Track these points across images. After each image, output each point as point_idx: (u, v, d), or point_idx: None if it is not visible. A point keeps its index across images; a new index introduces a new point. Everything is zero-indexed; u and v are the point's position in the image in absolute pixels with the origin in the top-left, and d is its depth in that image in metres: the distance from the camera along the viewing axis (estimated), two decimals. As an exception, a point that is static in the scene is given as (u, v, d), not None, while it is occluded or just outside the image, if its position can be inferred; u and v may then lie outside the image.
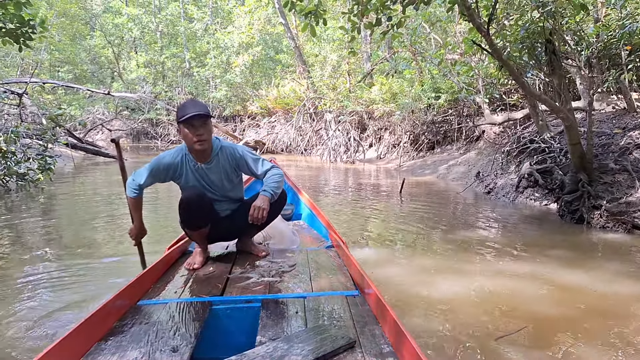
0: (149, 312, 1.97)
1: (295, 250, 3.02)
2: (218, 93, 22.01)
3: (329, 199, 7.58)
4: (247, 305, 2.05)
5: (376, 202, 7.24)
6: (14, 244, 4.53)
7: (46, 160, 7.45)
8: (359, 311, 1.94)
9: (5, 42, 5.71)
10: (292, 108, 19.22)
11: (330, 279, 2.39)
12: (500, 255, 4.25)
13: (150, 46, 24.36)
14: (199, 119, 2.43)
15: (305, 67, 18.67)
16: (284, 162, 15.24)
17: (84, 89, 14.69)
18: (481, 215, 6.29)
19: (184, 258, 2.84)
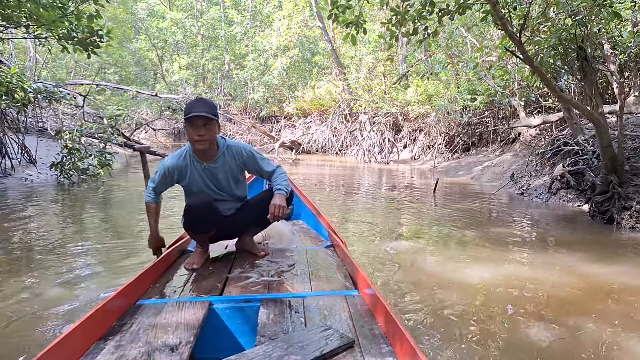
0: (149, 312, 1.97)
1: (294, 250, 3.00)
2: (256, 94, 22.76)
3: (363, 197, 7.99)
4: (246, 305, 2.05)
5: (410, 201, 7.59)
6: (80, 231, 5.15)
7: (105, 156, 8.18)
8: (358, 311, 1.95)
9: (75, 49, 6.39)
10: (327, 109, 19.70)
11: (329, 278, 2.41)
12: (531, 250, 4.56)
13: (192, 49, 25.39)
14: (201, 120, 2.43)
15: (341, 69, 19.10)
16: (318, 162, 15.74)
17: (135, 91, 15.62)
18: (514, 214, 6.57)
19: (183, 257, 2.85)
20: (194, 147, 2.54)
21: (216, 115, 2.50)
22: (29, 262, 3.79)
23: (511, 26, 5.35)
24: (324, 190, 8.69)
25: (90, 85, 11.38)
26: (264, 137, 19.93)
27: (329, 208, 6.81)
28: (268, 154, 18.11)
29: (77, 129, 7.98)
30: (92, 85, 11.57)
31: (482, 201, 7.64)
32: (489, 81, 11.02)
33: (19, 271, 3.54)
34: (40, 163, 8.66)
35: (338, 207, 6.99)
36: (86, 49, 6.35)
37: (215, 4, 26.72)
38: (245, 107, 24.26)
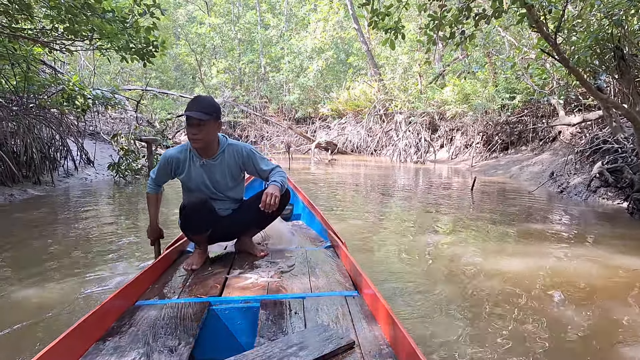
0: (148, 313, 1.98)
1: (293, 250, 3.03)
2: (291, 96, 23.34)
3: (399, 195, 8.30)
4: (246, 306, 2.06)
5: (447, 199, 7.84)
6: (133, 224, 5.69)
7: (157, 158, 8.81)
8: (358, 311, 1.97)
9: (133, 59, 6.99)
10: (362, 110, 20.05)
11: (329, 279, 2.42)
12: (570, 245, 4.76)
13: (229, 53, 26.24)
14: (193, 119, 2.49)
15: (376, 70, 19.40)
16: (354, 162, 16.09)
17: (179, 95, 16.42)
18: (553, 211, 6.76)
19: (182, 258, 2.88)
20: (195, 146, 2.61)
21: (211, 115, 2.52)
22: (89, 250, 4.29)
23: (547, 28, 5.60)
24: (360, 189, 9.05)
25: (143, 90, 12.18)
26: (300, 138, 20.44)
27: (366, 205, 7.17)
28: (304, 154, 18.61)
29: (132, 132, 8.66)
30: (143, 90, 12.37)
31: (520, 199, 7.82)
32: (527, 80, 11.13)
33: (83, 259, 4.06)
34: (96, 164, 9.40)
35: (375, 204, 7.34)
36: (142, 58, 6.93)
37: (251, 8, 27.53)
38: (280, 109, 24.92)
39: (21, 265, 3.73)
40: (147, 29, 6.42)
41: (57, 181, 7.83)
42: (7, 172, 6.69)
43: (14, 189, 6.73)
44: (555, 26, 5.57)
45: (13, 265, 3.75)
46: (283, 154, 18.17)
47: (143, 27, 6.41)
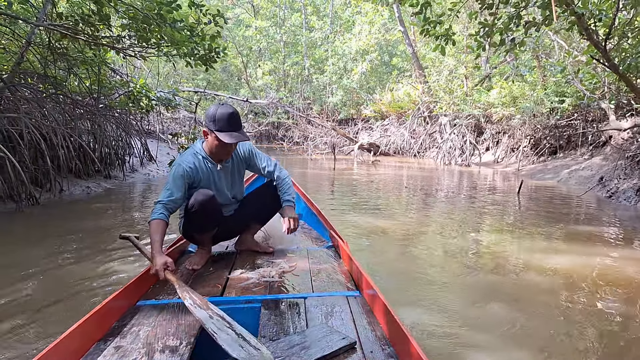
0: (149, 313, 2.00)
1: (295, 250, 3.05)
2: (334, 98, 23.89)
3: (443, 196, 8.62)
4: (247, 306, 2.09)
5: (492, 202, 8.08)
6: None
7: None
8: (360, 311, 1.99)
9: (197, 64, 7.63)
10: (405, 111, 20.32)
11: (330, 279, 2.45)
12: (616, 247, 4.97)
13: (274, 55, 27.10)
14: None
15: (421, 72, 19.65)
16: (396, 164, 16.40)
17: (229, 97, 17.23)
18: (600, 215, 6.92)
19: (184, 258, 2.93)
20: (221, 157, 2.66)
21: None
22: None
23: (596, 35, 5.85)
24: (403, 190, 9.41)
25: (201, 93, 13.01)
26: (342, 139, 20.91)
27: (410, 205, 7.56)
28: (346, 155, 19.06)
29: (191, 131, 9.37)
30: (201, 93, 13.21)
31: (568, 203, 8.00)
32: (577, 84, 11.20)
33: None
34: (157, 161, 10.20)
35: (418, 204, 7.70)
36: (205, 63, 7.56)
37: (296, 11, 28.31)
38: (323, 110, 25.52)
39: (108, 245, 4.33)
40: (211, 36, 7.04)
41: (124, 176, 8.60)
42: (83, 167, 7.45)
43: (90, 182, 7.49)
44: (605, 33, 5.81)
45: (104, 244, 4.36)
46: (326, 154, 18.67)
47: (208, 35, 7.03)
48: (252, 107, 25.16)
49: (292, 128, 24.66)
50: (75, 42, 7.32)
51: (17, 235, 4.67)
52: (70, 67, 7.79)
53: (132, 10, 6.37)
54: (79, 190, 7.16)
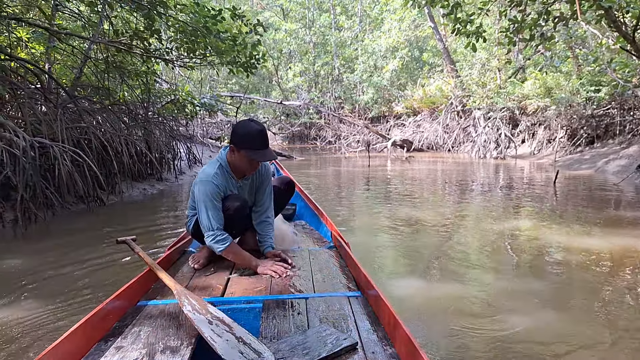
0: (149, 313, 2.03)
1: (296, 250, 3.08)
2: (365, 96, 24.37)
3: (479, 187, 9.00)
4: (248, 306, 2.11)
5: (528, 192, 8.39)
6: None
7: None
8: (361, 312, 2.01)
9: (238, 71, 8.27)
10: (438, 106, 20.58)
11: (332, 279, 2.48)
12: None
13: (304, 56, 27.78)
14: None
15: (453, 67, 19.88)
16: (431, 159, 16.73)
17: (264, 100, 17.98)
18: (638, 202, 7.17)
19: (184, 258, 2.97)
20: (246, 173, 2.71)
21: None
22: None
23: (625, 27, 6.18)
24: (439, 184, 9.82)
25: (242, 97, 13.78)
26: (375, 136, 21.35)
27: (446, 197, 7.98)
28: (379, 152, 19.48)
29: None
30: (242, 97, 13.99)
31: (605, 192, 8.23)
32: (611, 74, 11.34)
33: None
34: (202, 163, 10.92)
35: (455, 196, 8.11)
36: (246, 70, 8.20)
37: (325, 12, 28.91)
38: (354, 109, 26.03)
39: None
40: (253, 45, 7.67)
41: (174, 178, 9.34)
42: (140, 171, 8.20)
43: (145, 184, 8.24)
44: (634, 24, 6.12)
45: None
46: (359, 152, 19.14)
47: (249, 44, 7.66)
48: (284, 109, 25.95)
49: (325, 128, 25.32)
50: (129, 55, 8.08)
51: (89, 231, 5.37)
52: (123, 78, 8.57)
53: (181, 24, 7.04)
54: (137, 192, 7.90)
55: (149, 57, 7.80)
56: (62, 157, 5.93)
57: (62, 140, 6.29)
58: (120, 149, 7.33)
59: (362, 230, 5.53)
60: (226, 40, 7.38)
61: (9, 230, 5.33)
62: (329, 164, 15.40)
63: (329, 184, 9.98)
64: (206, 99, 9.99)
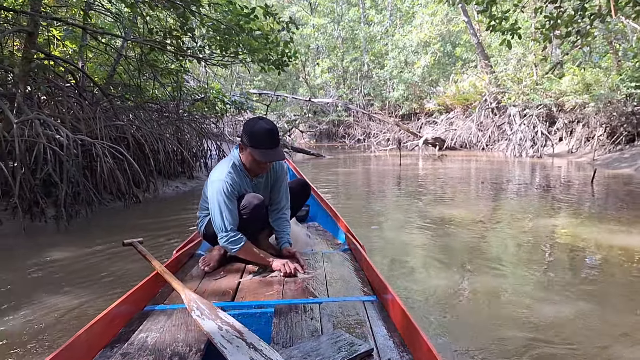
0: (157, 318, 2.02)
1: (309, 253, 3.07)
2: (395, 93, 24.48)
3: (514, 187, 9.08)
4: (259, 311, 2.09)
5: (565, 192, 8.42)
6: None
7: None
8: (377, 317, 1.99)
9: (269, 69, 8.57)
10: (471, 103, 20.54)
11: (346, 283, 2.46)
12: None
13: (333, 52, 28.02)
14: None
15: (487, 62, 19.82)
16: (464, 158, 16.75)
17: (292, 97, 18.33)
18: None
19: (192, 261, 2.97)
20: (257, 172, 2.71)
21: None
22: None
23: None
24: (473, 183, 9.93)
25: (271, 95, 14.18)
26: (406, 134, 21.45)
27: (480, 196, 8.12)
28: (410, 151, 19.59)
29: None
30: (272, 95, 14.38)
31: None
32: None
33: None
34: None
35: (489, 196, 8.22)
36: (277, 67, 8.49)
37: (354, 6, 29.11)
38: (384, 106, 26.14)
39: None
40: (285, 42, 7.96)
41: (205, 176, 9.73)
42: (172, 169, 8.61)
43: (177, 182, 8.64)
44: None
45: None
46: (389, 150, 19.29)
47: (281, 41, 7.96)
48: (312, 106, 26.26)
49: (354, 125, 25.57)
50: (162, 53, 8.49)
51: (128, 228, 5.73)
52: (155, 76, 8.99)
53: (215, 23, 7.38)
54: (170, 189, 8.30)
55: (183, 56, 8.18)
56: (104, 155, 6.32)
57: (100, 138, 6.70)
58: (156, 147, 7.72)
59: (393, 229, 5.72)
60: (259, 38, 7.69)
61: (51, 226, 5.72)
62: (358, 163, 15.61)
63: (358, 182, 10.23)
64: (236, 97, 10.36)
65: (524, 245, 4.77)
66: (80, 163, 6.14)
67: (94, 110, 7.07)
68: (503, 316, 2.99)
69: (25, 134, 5.94)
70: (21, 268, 4.07)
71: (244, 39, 7.69)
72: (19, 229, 5.34)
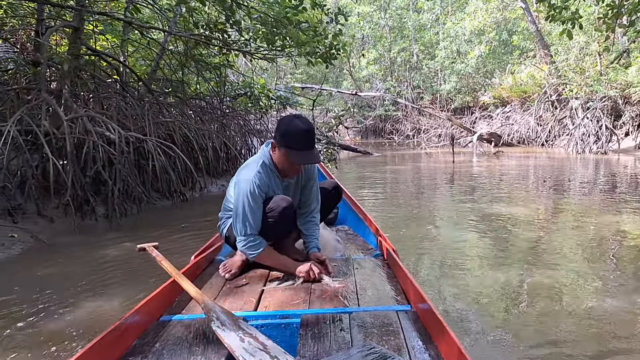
0: (174, 329, 2.00)
1: (338, 259, 3.04)
2: (447, 85, 24.20)
3: (577, 187, 8.85)
4: (284, 322, 2.07)
5: (633, 192, 8.12)
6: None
7: (332, 152, 10.61)
8: (411, 328, 1.96)
9: (317, 62, 8.72)
10: (529, 96, 20.10)
11: (378, 291, 2.42)
12: None
13: (379, 42, 27.90)
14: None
15: (546, 52, 19.37)
16: (521, 154, 16.46)
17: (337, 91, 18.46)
18: None
19: (211, 268, 2.92)
20: (288, 174, 2.64)
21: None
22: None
23: None
24: (530, 181, 9.78)
25: (318, 90, 14.38)
26: (459, 130, 21.23)
27: (539, 197, 8.01)
28: (463, 147, 19.40)
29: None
30: (319, 90, 14.61)
31: None
32: None
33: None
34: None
35: (550, 196, 8.05)
36: (325, 60, 8.63)
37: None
38: (435, 100, 25.89)
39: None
40: (333, 35, 8.10)
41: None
42: (217, 167, 8.89)
43: (222, 180, 8.91)
44: None
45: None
46: (441, 147, 19.16)
47: (330, 34, 8.10)
48: (357, 100, 26.27)
49: (402, 120, 25.41)
50: (206, 47, 8.78)
51: (176, 226, 5.86)
52: (200, 71, 9.30)
53: (262, 15, 7.59)
54: (215, 188, 8.56)
55: (229, 50, 8.43)
56: (157, 152, 6.61)
57: (149, 134, 7.01)
58: (204, 144, 8.00)
59: (447, 228, 5.74)
60: (306, 30, 7.85)
61: (101, 224, 6.00)
62: (408, 161, 15.59)
63: (408, 181, 10.25)
64: (281, 91, 10.57)
65: (587, 253, 4.61)
66: (131, 160, 6.44)
67: (142, 107, 7.38)
68: (562, 335, 2.85)
69: (74, 131, 6.23)
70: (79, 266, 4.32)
71: (291, 32, 7.86)
72: (70, 227, 5.59)
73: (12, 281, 3.93)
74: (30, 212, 5.65)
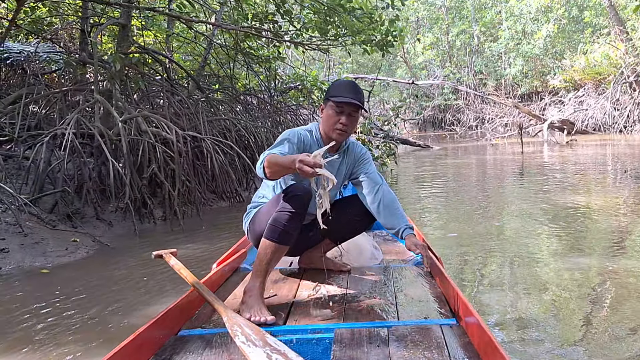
0: (194, 344, 1.99)
1: (376, 267, 3.01)
2: (512, 69, 23.77)
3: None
4: (316, 337, 2.04)
5: None
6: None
7: (390, 146, 10.67)
8: (457, 344, 1.93)
9: (373, 50, 8.79)
10: (605, 78, 19.62)
11: (420, 303, 2.38)
12: None
13: (436, 24, 27.64)
14: (352, 107, 2.51)
15: (622, 28, 18.84)
16: (597, 142, 16.02)
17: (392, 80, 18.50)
18: None
19: (236, 277, 2.87)
20: (331, 135, 2.55)
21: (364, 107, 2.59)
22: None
23: None
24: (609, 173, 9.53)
25: (374, 80, 14.47)
26: (527, 118, 20.85)
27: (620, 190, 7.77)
28: (532, 137, 19.04)
29: (367, 122, 10.66)
30: (374, 80, 14.69)
31: None
32: None
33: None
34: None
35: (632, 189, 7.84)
36: (381, 49, 8.69)
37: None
38: (499, 86, 25.45)
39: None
40: (390, 21, 8.14)
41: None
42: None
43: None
44: None
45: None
46: (508, 138, 18.85)
47: (386, 19, 8.15)
48: (413, 90, 26.11)
49: (464, 110, 25.12)
50: (258, 40, 8.99)
51: (237, 228, 6.09)
52: (250, 65, 9.53)
53: (315, 3, 7.72)
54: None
55: (280, 42, 8.61)
56: (215, 151, 6.83)
57: (204, 133, 7.25)
58: (260, 142, 8.20)
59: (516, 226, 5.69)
60: (361, 17, 7.92)
61: (160, 227, 6.23)
62: (471, 154, 15.46)
63: (472, 176, 10.19)
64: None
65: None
66: (189, 161, 6.67)
67: (195, 105, 7.63)
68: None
69: (129, 132, 6.48)
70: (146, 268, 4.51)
71: (345, 20, 7.95)
72: (129, 231, 5.84)
73: (81, 283, 4.16)
74: (89, 216, 5.93)
